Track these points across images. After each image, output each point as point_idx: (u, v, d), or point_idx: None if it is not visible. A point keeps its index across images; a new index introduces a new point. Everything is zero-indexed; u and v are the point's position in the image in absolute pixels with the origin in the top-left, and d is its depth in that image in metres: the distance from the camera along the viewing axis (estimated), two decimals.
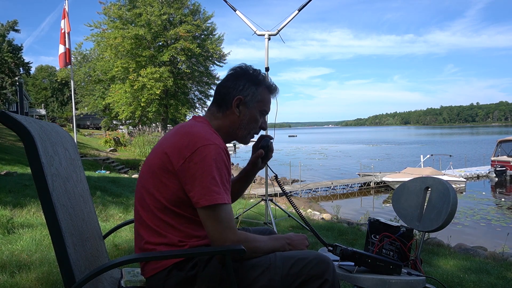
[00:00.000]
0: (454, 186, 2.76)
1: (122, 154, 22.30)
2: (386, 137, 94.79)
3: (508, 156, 21.45)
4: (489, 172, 21.48)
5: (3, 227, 3.34)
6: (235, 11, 4.46)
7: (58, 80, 32.76)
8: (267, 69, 4.26)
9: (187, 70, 23.39)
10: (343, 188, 19.37)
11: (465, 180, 19.03)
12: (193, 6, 23.95)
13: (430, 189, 1.96)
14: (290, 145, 60.58)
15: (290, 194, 1.79)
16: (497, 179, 20.63)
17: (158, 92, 21.59)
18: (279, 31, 4.33)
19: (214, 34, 25.06)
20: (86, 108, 30.45)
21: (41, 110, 51.97)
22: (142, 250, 1.29)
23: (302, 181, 19.46)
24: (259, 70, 1.46)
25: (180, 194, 1.23)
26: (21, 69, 29.44)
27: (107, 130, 31.87)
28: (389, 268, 1.56)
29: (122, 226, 1.80)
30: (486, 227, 11.60)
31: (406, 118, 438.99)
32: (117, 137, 26.57)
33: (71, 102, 17.55)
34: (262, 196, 6.31)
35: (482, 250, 4.93)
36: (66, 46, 11.22)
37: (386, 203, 15.97)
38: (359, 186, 19.61)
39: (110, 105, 25.03)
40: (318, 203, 15.46)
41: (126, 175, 12.84)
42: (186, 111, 24.56)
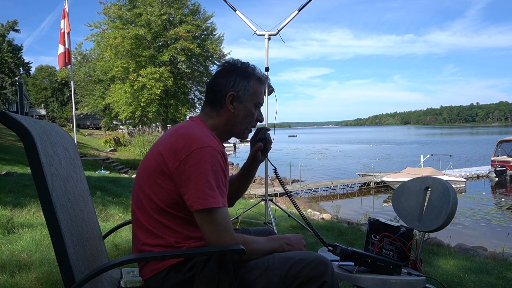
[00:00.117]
0: (454, 186, 2.76)
1: (122, 154, 22.32)
2: (386, 137, 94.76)
3: (508, 156, 21.44)
4: (489, 172, 21.47)
5: (3, 227, 3.34)
6: (235, 11, 4.46)
7: (58, 80, 32.75)
8: (267, 69, 4.26)
9: (187, 70, 23.37)
10: (343, 188, 19.37)
11: (465, 180, 19.04)
12: (193, 6, 23.93)
13: (430, 189, 1.96)
14: (290, 145, 60.54)
15: (290, 194, 1.77)
16: (497, 179, 20.62)
17: (158, 92, 21.57)
18: (279, 31, 4.32)
19: (214, 34, 25.04)
20: (86, 108, 30.44)
21: (41, 110, 51.94)
22: (140, 251, 1.29)
23: (302, 181, 19.47)
24: (247, 63, 1.43)
25: (175, 196, 1.22)
26: (21, 69, 29.46)
27: (107, 130, 31.87)
28: (389, 268, 1.56)
29: (122, 226, 1.80)
30: (486, 227, 11.59)
31: (406, 118, 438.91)
32: (117, 137, 26.59)
33: (71, 102, 17.54)
34: (262, 196, 6.31)
35: (482, 250, 4.93)
36: (66, 46, 11.22)
37: (386, 203, 15.96)
38: (359, 186, 19.61)
39: (110, 105, 25.01)
40: (318, 203, 15.45)
41: (126, 175, 12.84)
42: (186, 111, 24.53)
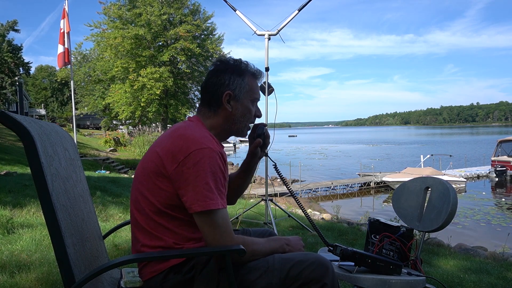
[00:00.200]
0: (454, 186, 2.76)
1: (122, 154, 22.33)
2: (386, 137, 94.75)
3: (508, 156, 21.44)
4: (489, 172, 21.46)
5: (3, 227, 3.34)
6: (235, 11, 4.46)
7: (58, 80, 32.77)
8: (267, 69, 4.26)
9: (187, 70, 23.36)
10: (343, 188, 19.36)
11: (465, 180, 19.03)
12: (193, 6, 23.92)
13: (430, 189, 1.96)
14: (290, 145, 60.53)
15: (293, 194, 1.77)
16: (497, 179, 20.61)
17: (158, 92, 21.57)
18: (279, 31, 4.33)
19: (214, 34, 25.03)
20: (86, 108, 30.45)
21: (41, 110, 51.95)
22: (139, 252, 1.29)
23: (302, 181, 19.47)
24: (240, 59, 1.41)
25: (174, 198, 1.22)
26: (21, 69, 29.46)
27: (107, 130, 31.87)
28: (389, 268, 1.56)
29: (121, 226, 1.80)
30: (486, 227, 11.59)
31: (406, 118, 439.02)
32: (117, 137, 26.59)
33: (71, 102, 17.54)
34: (262, 196, 6.31)
35: (482, 250, 4.93)
36: (65, 46, 11.23)
37: (386, 203, 15.96)
38: (359, 186, 19.60)
39: (110, 105, 25.00)
40: (318, 203, 15.46)
41: (126, 175, 12.84)
42: (186, 111, 24.53)
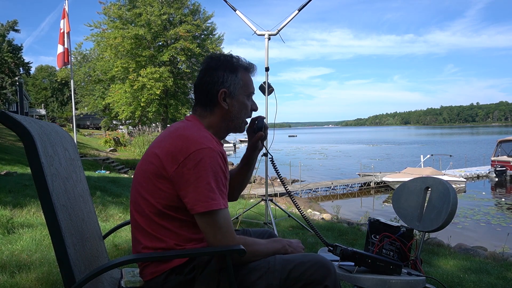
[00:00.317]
0: (454, 186, 2.76)
1: (122, 154, 22.31)
2: (386, 137, 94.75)
3: (508, 156, 21.44)
4: (489, 172, 21.46)
5: (3, 227, 3.34)
6: (235, 11, 4.46)
7: (58, 80, 32.78)
8: (267, 69, 4.26)
9: (187, 70, 23.36)
10: (343, 188, 19.36)
11: (465, 180, 19.03)
12: (193, 6, 23.92)
13: (430, 189, 1.96)
14: (290, 145, 60.53)
15: (291, 193, 1.76)
16: (497, 179, 20.62)
17: (158, 92, 21.57)
18: (279, 31, 4.32)
19: (214, 34, 25.04)
20: (86, 108, 30.47)
21: (41, 110, 51.95)
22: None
23: (302, 181, 19.48)
24: (230, 55, 1.40)
25: (175, 199, 1.21)
26: (21, 69, 29.47)
27: (107, 130, 31.87)
28: (389, 268, 1.56)
29: (121, 226, 1.80)
30: (486, 227, 11.59)
31: (406, 118, 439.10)
32: (117, 137, 26.58)
33: (71, 102, 17.54)
34: (262, 196, 6.31)
35: (482, 250, 4.93)
36: (65, 46, 11.24)
37: (386, 203, 15.96)
38: (359, 186, 19.60)
39: (110, 105, 25.01)
40: (318, 203, 15.46)
41: (126, 175, 12.84)
42: (186, 111, 24.52)
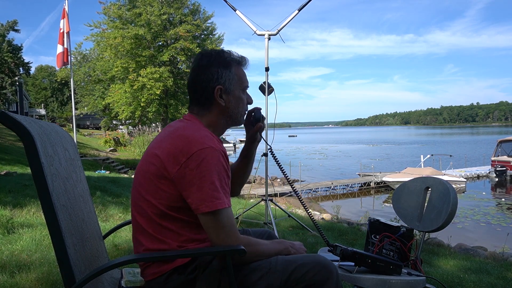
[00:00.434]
0: (454, 186, 2.76)
1: (122, 154, 22.32)
2: (386, 137, 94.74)
3: (508, 156, 21.44)
4: (489, 172, 21.46)
5: (3, 227, 3.34)
6: (235, 11, 4.46)
7: (58, 80, 32.85)
8: (267, 69, 4.26)
9: (187, 70, 23.36)
10: (343, 188, 19.35)
11: (465, 180, 19.02)
12: (193, 6, 23.92)
13: (430, 189, 1.96)
14: (290, 145, 60.52)
15: (291, 194, 1.76)
16: (497, 179, 20.61)
17: (158, 92, 21.57)
18: (279, 31, 4.32)
19: (214, 34, 25.05)
20: (86, 108, 30.49)
21: (41, 110, 51.94)
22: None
23: (302, 181, 19.47)
24: (221, 50, 1.39)
25: (177, 199, 1.20)
26: (21, 69, 29.48)
27: (107, 130, 31.87)
28: (389, 268, 1.56)
29: (122, 226, 1.80)
30: (486, 227, 11.59)
31: (406, 118, 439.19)
32: (117, 137, 26.59)
33: (71, 102, 17.54)
34: (262, 196, 6.31)
35: (482, 250, 4.93)
36: (65, 46, 11.25)
37: (386, 203, 15.96)
38: (359, 186, 19.59)
39: (110, 105, 25.02)
40: (318, 203, 15.46)
41: (126, 175, 12.85)
42: (186, 111, 24.36)
